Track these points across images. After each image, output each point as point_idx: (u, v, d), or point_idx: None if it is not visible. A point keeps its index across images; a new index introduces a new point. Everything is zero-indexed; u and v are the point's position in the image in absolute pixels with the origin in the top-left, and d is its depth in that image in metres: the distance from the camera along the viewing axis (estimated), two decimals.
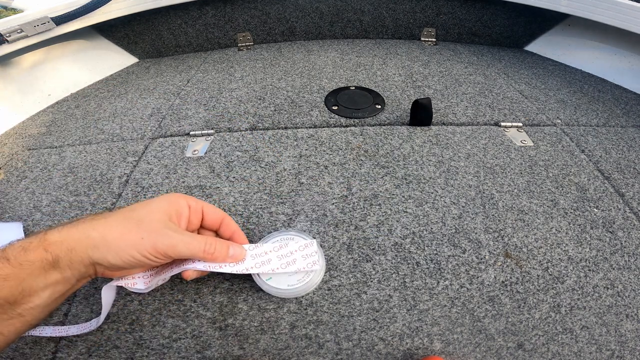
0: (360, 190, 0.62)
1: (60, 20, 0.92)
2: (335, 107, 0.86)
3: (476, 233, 0.55)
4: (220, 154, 0.71)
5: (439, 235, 0.55)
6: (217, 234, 0.47)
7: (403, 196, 0.61)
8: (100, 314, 0.42)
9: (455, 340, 0.45)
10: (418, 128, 0.79)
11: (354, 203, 0.60)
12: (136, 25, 1.15)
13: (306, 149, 0.72)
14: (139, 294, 0.47)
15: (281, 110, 0.85)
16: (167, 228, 0.37)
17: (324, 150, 0.71)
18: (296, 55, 1.13)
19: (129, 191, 0.64)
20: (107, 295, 0.42)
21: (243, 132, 0.78)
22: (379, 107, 0.86)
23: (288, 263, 0.44)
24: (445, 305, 0.47)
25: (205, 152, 0.72)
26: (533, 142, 0.76)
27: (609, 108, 0.90)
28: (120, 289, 0.47)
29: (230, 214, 0.58)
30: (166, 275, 0.43)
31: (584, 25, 1.09)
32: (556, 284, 0.50)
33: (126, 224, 0.36)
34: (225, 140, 0.75)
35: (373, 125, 0.80)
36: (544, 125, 0.82)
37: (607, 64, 1.07)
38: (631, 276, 0.51)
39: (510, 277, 0.50)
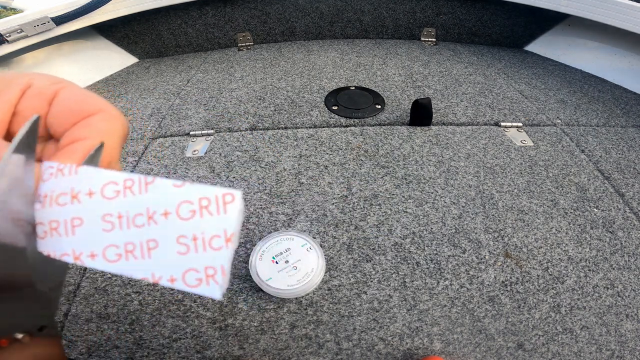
0: (360, 190, 0.62)
1: (60, 20, 0.92)
2: (335, 107, 0.86)
3: (476, 233, 0.55)
4: (220, 154, 0.71)
5: (439, 235, 0.55)
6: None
7: (403, 196, 0.61)
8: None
9: (455, 340, 0.45)
10: (418, 128, 0.78)
11: (354, 203, 0.60)
12: (136, 25, 1.15)
13: (306, 149, 0.72)
14: (140, 293, 0.47)
15: (281, 110, 0.85)
16: None
17: (324, 150, 0.71)
18: (296, 55, 1.13)
19: None
20: None
21: (243, 132, 0.78)
22: (379, 107, 0.86)
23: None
24: (445, 305, 0.47)
25: (205, 152, 0.72)
26: (533, 142, 0.76)
27: (609, 108, 0.90)
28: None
29: None
30: None
31: (584, 25, 1.09)
32: (556, 284, 0.50)
33: None
34: (225, 140, 0.75)
35: (373, 125, 0.80)
36: (544, 125, 0.82)
37: (607, 64, 1.07)
38: (631, 276, 0.51)
39: (510, 277, 0.50)
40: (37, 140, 0.15)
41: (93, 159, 0.15)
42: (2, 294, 0.13)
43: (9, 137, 0.17)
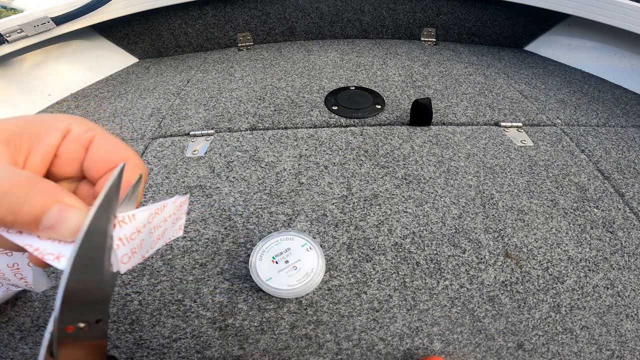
0: (360, 190, 0.62)
1: (60, 20, 0.92)
2: (335, 107, 0.86)
3: (476, 233, 0.55)
4: (220, 154, 0.71)
5: (439, 235, 0.55)
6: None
7: (403, 196, 0.61)
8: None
9: (455, 340, 0.45)
10: (418, 128, 0.78)
11: (354, 203, 0.60)
12: (136, 25, 1.15)
13: (306, 149, 0.72)
14: (140, 293, 0.47)
15: (281, 110, 0.85)
16: None
17: (324, 150, 0.71)
18: (296, 55, 1.13)
19: None
20: None
21: (243, 132, 0.78)
22: (379, 107, 0.86)
23: (159, 237, 0.27)
24: (445, 305, 0.47)
25: (205, 152, 0.72)
26: (533, 142, 0.76)
27: (609, 108, 0.90)
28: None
29: (230, 214, 0.58)
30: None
31: (584, 25, 1.09)
32: (556, 284, 0.50)
33: None
34: (225, 140, 0.75)
35: (373, 125, 0.80)
36: (544, 125, 0.82)
37: (607, 64, 1.07)
38: (631, 276, 0.51)
39: (510, 277, 0.50)
40: (119, 194, 0.20)
41: (135, 189, 0.22)
42: (89, 299, 0.19)
43: (50, 176, 0.21)
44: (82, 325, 0.19)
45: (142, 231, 0.23)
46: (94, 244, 0.18)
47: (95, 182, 0.22)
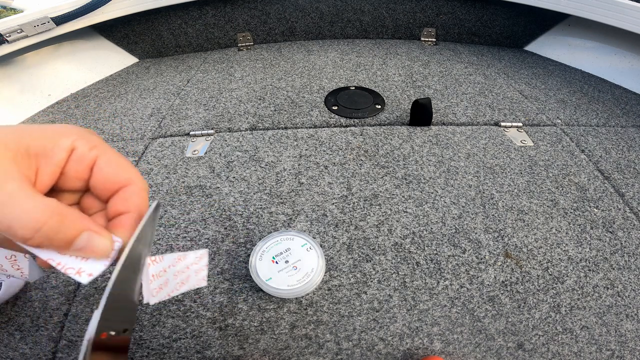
0: (360, 190, 0.62)
1: (60, 20, 0.92)
2: (335, 107, 0.86)
3: (476, 233, 0.55)
4: (220, 154, 0.71)
5: (439, 235, 0.55)
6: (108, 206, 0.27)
7: (403, 196, 0.61)
8: None
9: (455, 340, 0.45)
10: (418, 128, 0.78)
11: (354, 203, 0.60)
12: (136, 25, 1.15)
13: (306, 149, 0.72)
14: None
15: (281, 110, 0.85)
16: None
17: (324, 151, 0.71)
18: (296, 55, 1.13)
19: None
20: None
21: (243, 132, 0.78)
22: (379, 107, 0.86)
23: (182, 282, 0.33)
24: (445, 305, 0.47)
25: (205, 152, 0.72)
26: (533, 142, 0.76)
27: (609, 108, 0.90)
28: None
29: (230, 214, 0.58)
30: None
31: (584, 25, 1.09)
32: (556, 284, 0.50)
33: None
34: (225, 140, 0.75)
35: (373, 125, 0.80)
36: (544, 125, 0.82)
37: (607, 64, 1.07)
38: (631, 276, 0.51)
39: (510, 277, 0.50)
40: (154, 228, 0.25)
41: (155, 214, 0.25)
42: (124, 309, 0.24)
43: (55, 188, 0.23)
44: (113, 333, 0.22)
45: (168, 271, 0.28)
46: (132, 265, 0.23)
47: (104, 200, 0.24)
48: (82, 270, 0.22)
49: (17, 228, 0.19)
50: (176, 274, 0.30)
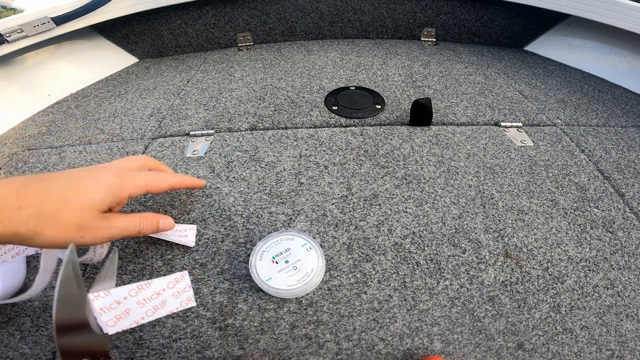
0: (360, 190, 0.62)
1: (60, 20, 0.92)
2: (335, 107, 0.86)
3: (476, 233, 0.55)
4: (220, 154, 0.71)
5: (439, 235, 0.55)
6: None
7: (403, 196, 0.61)
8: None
9: (455, 340, 0.45)
10: (418, 128, 0.79)
11: (354, 203, 0.60)
12: (136, 25, 1.15)
13: (306, 149, 0.72)
14: None
15: (281, 110, 0.85)
16: (104, 220, 0.38)
17: (324, 150, 0.71)
18: (296, 55, 1.13)
19: None
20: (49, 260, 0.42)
21: (243, 132, 0.78)
22: (379, 107, 0.86)
23: (156, 307, 0.35)
24: (445, 305, 0.47)
25: (205, 152, 0.72)
26: (533, 142, 0.76)
27: (609, 108, 0.90)
28: None
29: (230, 214, 0.58)
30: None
31: (584, 25, 1.09)
32: (556, 284, 0.50)
33: (64, 219, 0.34)
34: (225, 140, 0.75)
35: (373, 125, 0.80)
36: (544, 125, 0.82)
37: (607, 64, 1.07)
38: (631, 276, 0.51)
39: (510, 277, 0.50)
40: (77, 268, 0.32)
41: (110, 266, 0.41)
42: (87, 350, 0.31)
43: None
44: None
45: (124, 303, 0.32)
46: (69, 299, 0.29)
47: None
48: (184, 233, 0.49)
49: (118, 233, 0.40)
50: (141, 302, 0.33)
